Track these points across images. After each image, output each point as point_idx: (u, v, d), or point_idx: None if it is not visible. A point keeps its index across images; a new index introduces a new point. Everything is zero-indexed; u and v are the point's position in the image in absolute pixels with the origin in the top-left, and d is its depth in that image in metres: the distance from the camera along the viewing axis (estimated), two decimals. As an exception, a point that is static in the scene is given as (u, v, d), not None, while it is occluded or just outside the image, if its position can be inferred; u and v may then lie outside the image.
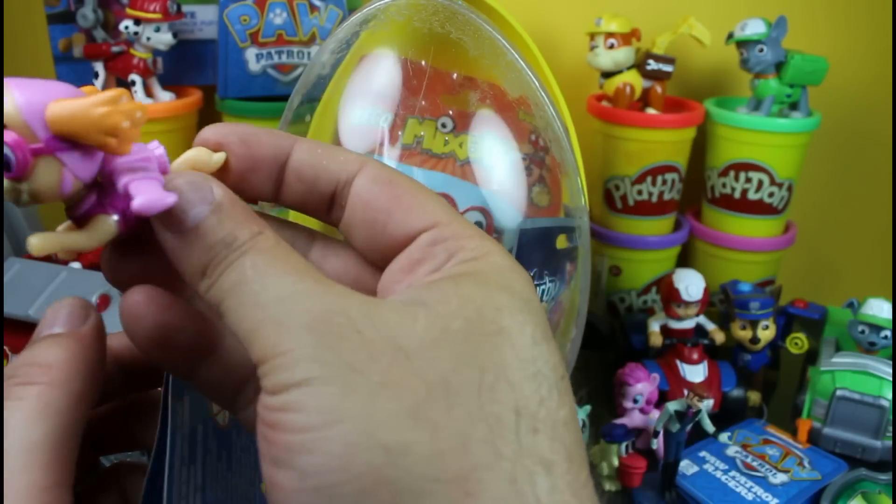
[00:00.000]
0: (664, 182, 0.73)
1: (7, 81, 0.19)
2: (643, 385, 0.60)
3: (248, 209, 0.21)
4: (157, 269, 0.22)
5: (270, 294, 0.19)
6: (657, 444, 0.56)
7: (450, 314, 0.19)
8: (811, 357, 0.66)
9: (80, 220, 0.21)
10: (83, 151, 0.20)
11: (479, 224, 0.50)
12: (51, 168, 0.20)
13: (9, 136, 0.19)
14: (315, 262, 0.24)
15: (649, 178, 0.72)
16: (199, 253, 0.20)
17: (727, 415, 0.63)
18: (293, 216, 0.52)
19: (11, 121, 0.19)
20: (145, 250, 0.22)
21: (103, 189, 0.21)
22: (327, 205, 0.23)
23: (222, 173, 0.22)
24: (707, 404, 0.58)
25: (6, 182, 0.19)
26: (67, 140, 0.20)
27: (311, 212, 0.23)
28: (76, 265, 0.57)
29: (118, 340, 0.24)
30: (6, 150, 0.19)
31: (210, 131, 0.23)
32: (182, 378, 0.24)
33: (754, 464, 0.55)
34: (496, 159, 0.50)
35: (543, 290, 0.47)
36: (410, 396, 0.18)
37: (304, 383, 0.18)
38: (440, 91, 0.49)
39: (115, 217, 0.21)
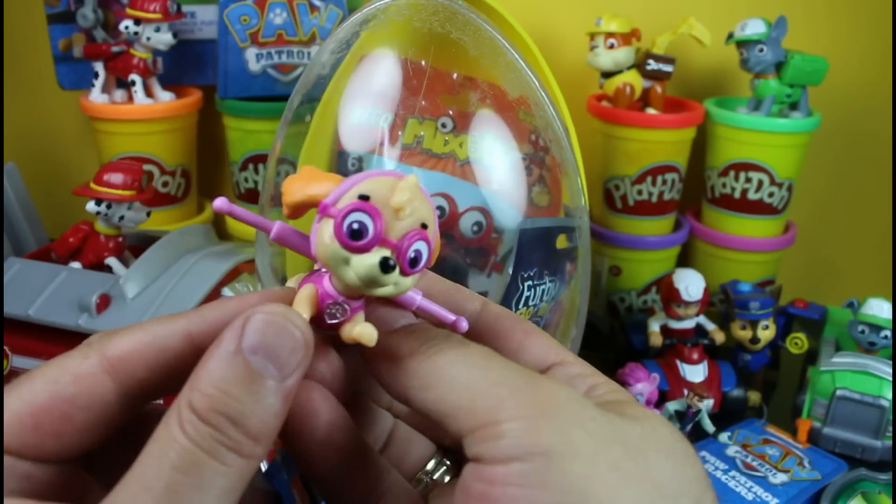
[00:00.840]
0: (664, 182, 0.73)
1: (421, 185, 0.21)
2: (643, 385, 0.60)
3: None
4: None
5: (497, 372, 0.20)
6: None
7: (655, 425, 0.21)
8: (811, 357, 0.66)
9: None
10: None
11: (478, 224, 0.50)
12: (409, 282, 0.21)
13: (428, 237, 0.21)
14: None
15: (649, 178, 0.72)
16: (412, 337, 0.21)
17: (727, 415, 0.63)
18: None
19: (431, 226, 0.21)
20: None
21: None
22: None
23: None
24: (707, 404, 0.58)
25: (394, 274, 0.20)
26: None
27: None
28: (76, 265, 0.57)
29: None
30: (424, 248, 0.21)
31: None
32: (323, 498, 0.23)
33: (754, 464, 0.55)
34: (496, 159, 0.50)
35: (543, 290, 0.47)
36: (648, 491, 0.19)
37: (518, 459, 0.18)
38: (440, 91, 0.49)
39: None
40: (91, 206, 0.56)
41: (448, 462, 0.25)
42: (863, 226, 0.82)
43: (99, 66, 0.73)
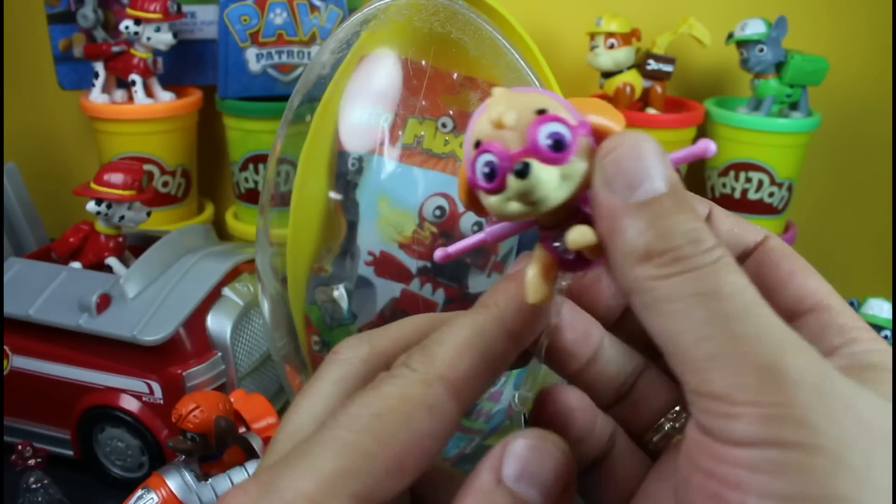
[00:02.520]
0: (664, 182, 0.73)
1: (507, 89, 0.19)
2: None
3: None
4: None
5: (751, 327, 0.16)
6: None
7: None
8: (811, 357, 0.66)
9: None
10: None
11: (479, 224, 0.50)
12: (588, 147, 0.18)
13: (554, 115, 0.18)
14: None
15: (649, 178, 0.72)
16: (653, 233, 0.17)
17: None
18: (292, 227, 0.52)
19: (550, 105, 0.18)
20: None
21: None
22: None
23: None
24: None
25: (552, 169, 0.18)
26: (590, 131, 0.19)
27: None
28: (76, 265, 0.57)
29: None
30: (556, 126, 0.18)
31: None
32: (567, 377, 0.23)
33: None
34: (496, 159, 0.50)
35: (543, 290, 0.47)
36: None
37: (787, 446, 0.16)
38: (440, 91, 0.49)
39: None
40: (91, 206, 0.56)
41: (684, 416, 0.23)
42: (863, 226, 0.82)
43: (99, 66, 0.73)
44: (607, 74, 0.72)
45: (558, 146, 0.18)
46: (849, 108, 0.78)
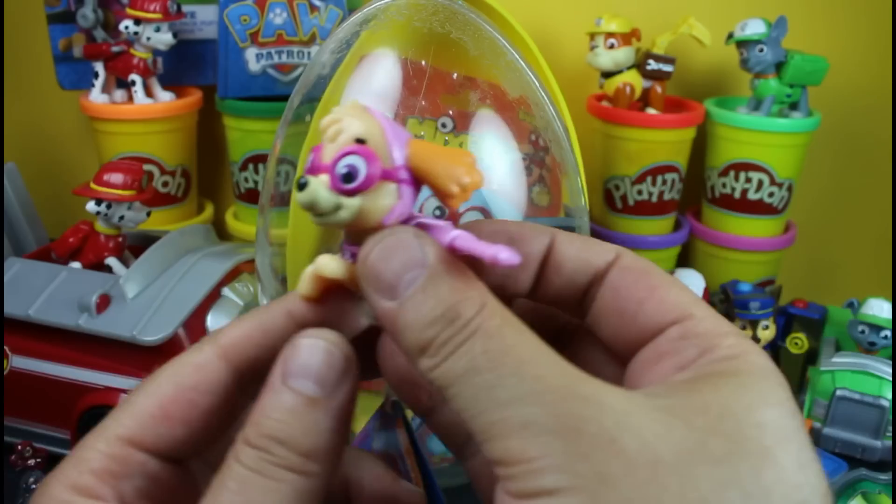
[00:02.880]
0: (664, 182, 0.73)
1: (364, 104, 0.20)
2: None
3: (466, 271, 0.19)
4: None
5: (510, 391, 0.17)
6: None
7: (708, 428, 0.17)
8: (811, 357, 0.66)
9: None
10: (414, 192, 0.20)
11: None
12: (389, 194, 0.20)
13: (365, 149, 0.19)
14: None
15: (649, 178, 0.72)
16: (417, 329, 0.18)
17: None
18: (292, 227, 0.52)
19: (372, 138, 0.19)
20: None
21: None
22: (581, 297, 0.22)
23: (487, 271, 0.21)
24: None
25: (329, 194, 0.19)
26: (412, 176, 0.20)
27: (563, 306, 0.22)
28: (76, 265, 0.57)
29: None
30: (357, 161, 0.19)
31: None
32: (420, 416, 0.24)
33: (754, 464, 0.55)
34: (496, 159, 0.50)
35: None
36: None
37: (552, 493, 0.16)
38: (440, 91, 0.49)
39: None
40: (91, 206, 0.56)
41: None
42: (863, 226, 0.82)
43: (99, 66, 0.73)
44: (607, 74, 0.72)
45: (348, 178, 0.19)
46: (849, 108, 0.78)
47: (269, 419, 0.19)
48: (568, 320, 0.23)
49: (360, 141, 0.19)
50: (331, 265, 0.20)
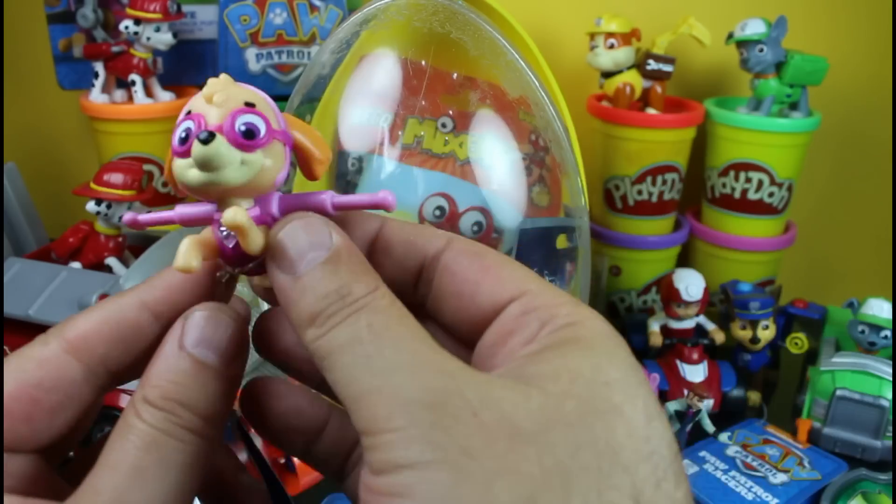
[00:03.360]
0: (664, 182, 0.73)
1: (240, 83, 0.21)
2: (643, 385, 0.60)
3: (365, 261, 0.20)
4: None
5: (386, 361, 0.18)
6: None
7: (562, 393, 0.18)
8: (811, 357, 0.66)
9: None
10: (290, 157, 0.21)
11: (478, 224, 0.50)
12: (280, 155, 0.21)
13: (258, 111, 0.20)
14: None
15: (649, 178, 0.72)
16: (310, 300, 0.19)
17: (727, 415, 0.63)
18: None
19: (260, 103, 0.21)
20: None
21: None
22: (414, 282, 0.23)
23: None
24: (707, 404, 0.58)
25: (231, 149, 0.20)
26: (291, 144, 0.21)
27: (399, 291, 0.23)
28: (76, 265, 0.57)
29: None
30: (256, 119, 0.20)
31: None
32: (297, 457, 0.24)
33: (754, 464, 0.55)
34: (496, 159, 0.50)
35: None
36: (527, 484, 0.17)
37: (414, 466, 0.17)
38: (440, 91, 0.49)
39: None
40: (91, 206, 0.56)
41: None
42: (863, 226, 0.82)
43: (99, 66, 0.73)
44: (607, 74, 0.72)
45: (249, 134, 0.20)
46: (849, 108, 0.78)
47: (171, 383, 0.20)
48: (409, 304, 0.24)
49: (249, 105, 0.20)
50: (239, 215, 0.20)
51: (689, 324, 0.65)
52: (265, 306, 0.23)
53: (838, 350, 0.62)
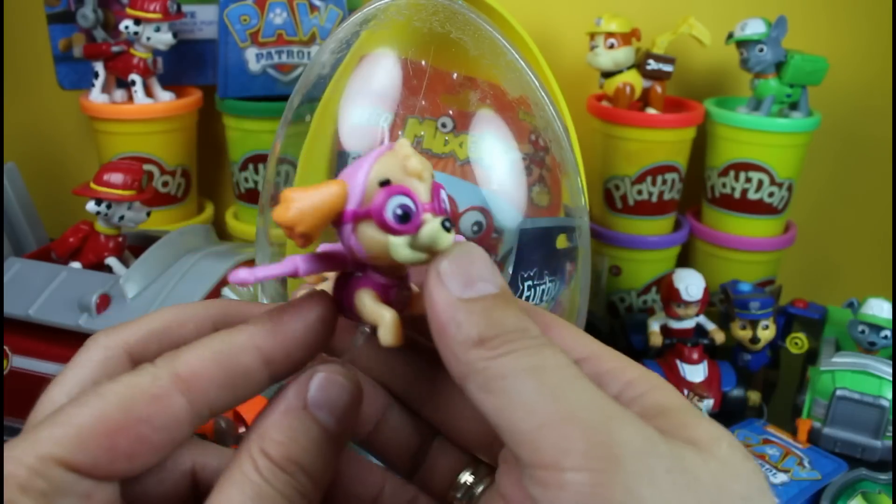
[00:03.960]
0: (664, 182, 0.73)
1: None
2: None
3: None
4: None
5: (577, 398, 0.18)
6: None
7: (701, 465, 0.18)
8: (811, 357, 0.66)
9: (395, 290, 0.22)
10: None
11: (478, 224, 0.50)
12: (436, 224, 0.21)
13: (441, 185, 0.21)
14: None
15: (649, 178, 0.72)
16: (480, 322, 0.19)
17: (727, 415, 0.63)
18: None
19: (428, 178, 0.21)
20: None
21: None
22: None
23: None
24: (707, 404, 0.58)
25: (400, 239, 0.20)
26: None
27: None
28: (76, 265, 0.57)
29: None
30: (446, 196, 0.21)
31: None
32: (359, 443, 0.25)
33: (754, 464, 0.55)
34: (496, 159, 0.50)
35: (543, 290, 0.47)
36: None
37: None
38: (440, 91, 0.49)
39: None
40: (91, 206, 0.56)
41: (486, 479, 0.24)
42: (863, 226, 0.82)
43: (99, 66, 0.73)
44: (607, 74, 0.72)
45: (446, 209, 0.21)
46: (849, 108, 0.78)
47: (294, 443, 0.20)
48: None
49: (432, 175, 0.21)
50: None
51: (689, 324, 0.65)
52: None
53: (838, 350, 0.62)
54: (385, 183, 0.20)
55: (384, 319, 0.21)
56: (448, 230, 0.20)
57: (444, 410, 0.24)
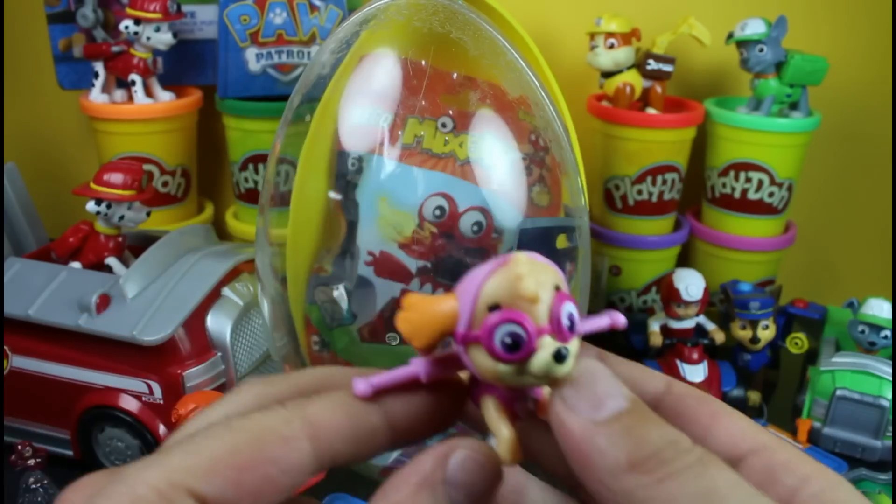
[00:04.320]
0: (664, 182, 0.73)
1: (533, 256, 0.20)
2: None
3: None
4: None
5: None
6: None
7: None
8: (811, 357, 0.66)
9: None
10: None
11: (478, 224, 0.50)
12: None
13: (569, 295, 0.19)
14: None
15: (649, 178, 0.72)
16: (627, 445, 0.18)
17: (727, 415, 0.63)
18: (292, 227, 0.52)
19: (560, 281, 0.19)
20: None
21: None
22: None
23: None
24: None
25: (511, 367, 0.19)
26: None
27: None
28: (76, 265, 0.57)
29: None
30: (572, 307, 0.19)
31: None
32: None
33: (754, 464, 0.55)
34: (496, 159, 0.50)
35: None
36: None
37: None
38: (440, 91, 0.49)
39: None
40: (91, 206, 0.56)
41: None
42: (863, 226, 0.82)
43: (99, 66, 0.73)
44: (607, 74, 0.72)
45: (573, 327, 0.19)
46: (849, 108, 0.78)
47: None
48: None
49: (556, 288, 0.19)
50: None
51: (689, 324, 0.65)
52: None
53: (838, 350, 0.62)
54: (495, 307, 0.19)
55: (501, 436, 0.20)
56: (565, 358, 0.19)
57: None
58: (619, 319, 0.21)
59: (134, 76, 0.72)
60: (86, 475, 0.19)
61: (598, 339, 0.22)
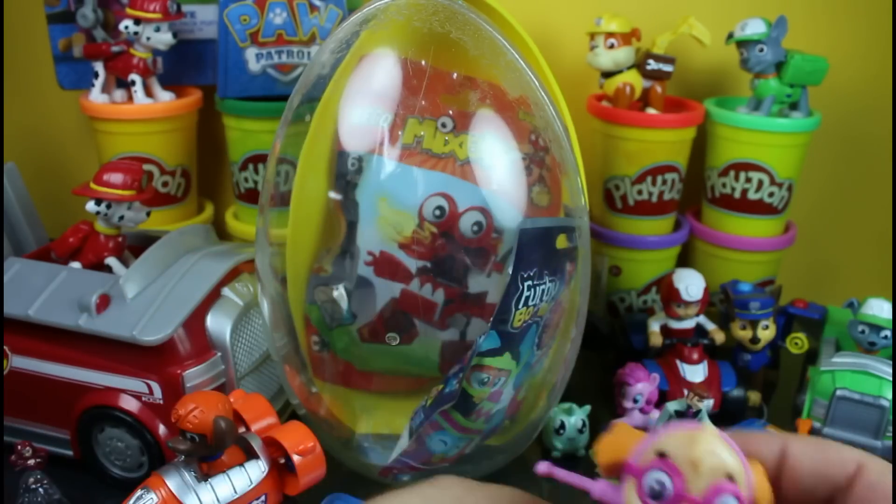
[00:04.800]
0: (664, 182, 0.73)
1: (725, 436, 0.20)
2: (643, 385, 0.60)
3: None
4: None
5: None
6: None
7: None
8: (811, 357, 0.66)
9: None
10: None
11: (478, 224, 0.50)
12: None
13: (738, 489, 0.19)
14: None
15: (649, 178, 0.72)
16: None
17: (727, 415, 0.63)
18: (292, 227, 0.52)
19: (738, 476, 0.19)
20: None
21: None
22: None
23: None
24: (707, 404, 0.58)
25: None
26: None
27: None
28: (76, 265, 0.57)
29: None
30: (732, 501, 0.19)
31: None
32: None
33: (754, 464, 0.55)
34: (496, 159, 0.50)
35: (543, 290, 0.47)
36: None
37: None
38: (440, 91, 0.49)
39: None
40: (91, 205, 0.56)
41: None
42: (863, 226, 0.82)
43: (99, 66, 0.73)
44: (607, 74, 0.72)
45: None
46: (849, 108, 0.78)
47: None
48: None
49: (730, 477, 0.19)
50: None
51: (689, 324, 0.65)
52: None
53: (838, 350, 0.62)
54: (663, 455, 0.20)
55: None
56: None
57: None
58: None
59: (134, 76, 0.72)
60: None
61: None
